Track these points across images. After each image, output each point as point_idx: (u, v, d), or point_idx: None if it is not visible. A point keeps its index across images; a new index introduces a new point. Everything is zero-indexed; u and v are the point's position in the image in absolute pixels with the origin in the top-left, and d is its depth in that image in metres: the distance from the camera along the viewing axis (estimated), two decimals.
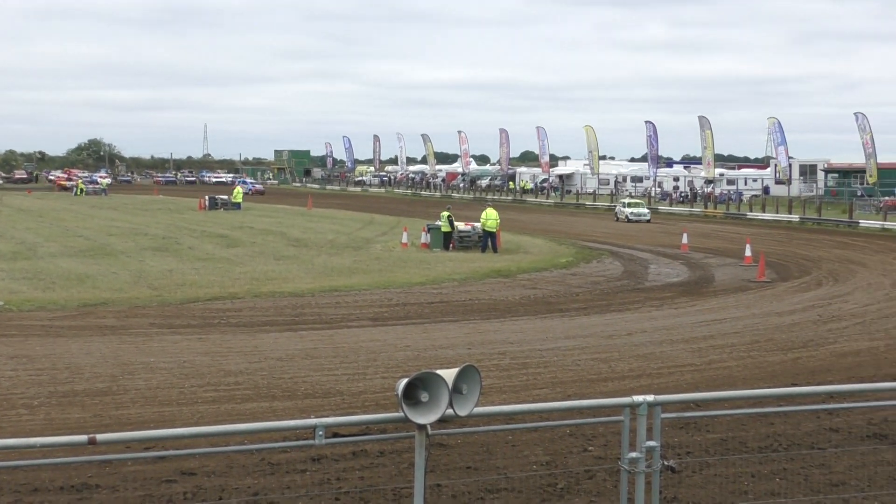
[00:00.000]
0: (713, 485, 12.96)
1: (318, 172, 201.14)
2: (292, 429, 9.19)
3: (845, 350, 24.46)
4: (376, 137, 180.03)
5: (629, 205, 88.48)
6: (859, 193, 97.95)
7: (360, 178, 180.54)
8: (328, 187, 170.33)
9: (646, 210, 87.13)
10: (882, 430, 15.79)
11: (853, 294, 35.89)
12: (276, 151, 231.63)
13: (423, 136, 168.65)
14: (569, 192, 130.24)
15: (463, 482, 12.81)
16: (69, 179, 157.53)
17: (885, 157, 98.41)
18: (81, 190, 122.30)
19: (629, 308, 31.80)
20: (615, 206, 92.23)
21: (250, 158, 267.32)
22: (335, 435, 12.23)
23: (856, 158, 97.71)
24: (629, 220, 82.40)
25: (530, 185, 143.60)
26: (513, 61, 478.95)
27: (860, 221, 77.83)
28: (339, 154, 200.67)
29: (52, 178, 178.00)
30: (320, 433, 7.80)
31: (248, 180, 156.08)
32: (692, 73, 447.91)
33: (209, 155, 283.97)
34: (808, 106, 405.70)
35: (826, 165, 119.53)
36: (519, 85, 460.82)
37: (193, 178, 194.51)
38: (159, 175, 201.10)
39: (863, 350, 24.48)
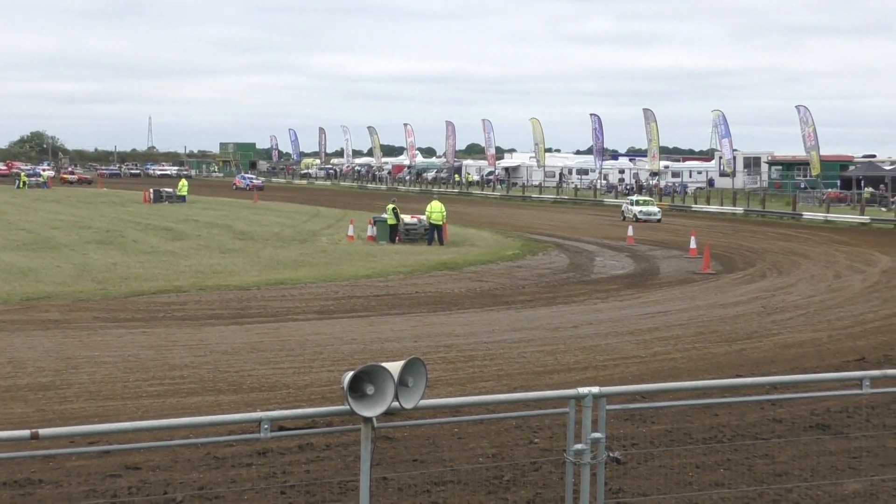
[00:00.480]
0: (658, 476, 13.01)
1: (263, 165, 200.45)
2: (238, 422, 9.15)
3: (789, 341, 24.64)
4: (322, 130, 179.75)
5: (638, 202, 78.50)
6: (802, 186, 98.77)
7: (305, 171, 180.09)
8: (274, 180, 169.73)
9: (656, 209, 76.75)
10: (825, 421, 15.90)
11: (797, 286, 36.16)
12: (221, 144, 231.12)
13: (369, 128, 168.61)
14: (515, 184, 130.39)
15: (409, 475, 12.80)
16: (9, 171, 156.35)
17: (827, 150, 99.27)
18: (24, 183, 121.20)
19: (575, 300, 31.89)
20: (621, 204, 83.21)
21: (195, 151, 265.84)
22: (281, 428, 12.22)
23: (799, 151, 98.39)
24: (637, 220, 71.95)
25: (474, 178, 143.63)
26: (459, 54, 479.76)
27: (803, 213, 78.47)
28: (285, 147, 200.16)
29: None
30: (266, 427, 7.78)
31: (247, 175, 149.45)
32: (637, 66, 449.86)
33: (154, 148, 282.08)
34: (752, 99, 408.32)
35: (770, 158, 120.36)
36: (465, 77, 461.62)
37: (138, 171, 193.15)
38: (103, 168, 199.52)
39: (806, 341, 24.66)
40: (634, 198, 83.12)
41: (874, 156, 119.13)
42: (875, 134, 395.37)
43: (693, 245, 47.69)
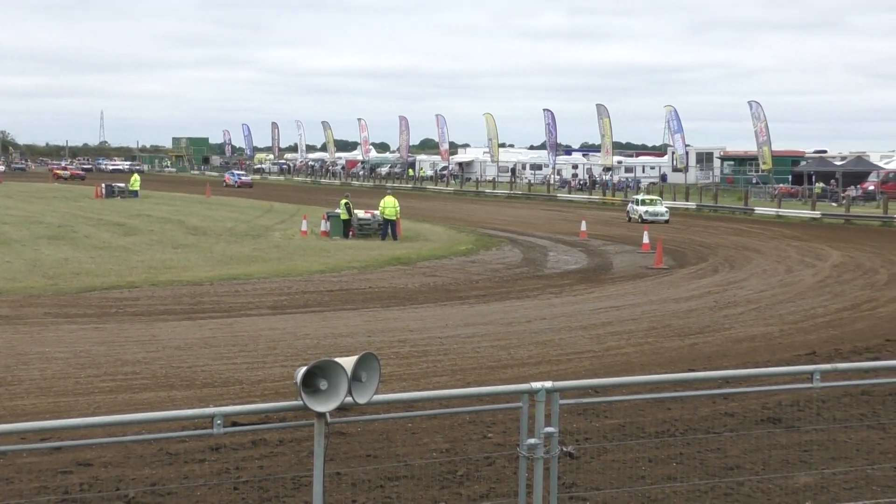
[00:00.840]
0: (611, 470, 13.06)
1: (216, 160, 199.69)
2: (190, 418, 9.10)
3: (741, 335, 24.77)
4: (275, 125, 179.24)
5: (643, 202, 71.58)
6: (754, 181, 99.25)
7: (259, 166, 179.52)
8: None
9: (664, 209, 69.99)
10: (776, 415, 16.00)
11: (749, 280, 36.36)
12: (174, 139, 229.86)
13: (322, 123, 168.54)
14: (468, 179, 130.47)
15: (363, 470, 12.80)
16: None
17: (779, 145, 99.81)
18: None
19: (528, 295, 31.95)
20: (627, 204, 75.34)
21: (148, 146, 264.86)
22: (234, 424, 12.16)
23: (751, 146, 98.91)
24: (643, 221, 65.71)
25: (427, 173, 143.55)
26: (411, 48, 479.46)
27: (755, 208, 78.88)
28: (238, 142, 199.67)
29: None
30: (219, 422, 7.75)
31: (237, 172, 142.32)
32: (590, 62, 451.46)
33: (106, 142, 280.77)
34: (703, 94, 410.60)
35: (722, 153, 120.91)
36: (418, 72, 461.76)
37: (90, 166, 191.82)
38: (54, 163, 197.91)
39: (758, 335, 24.81)
40: (640, 196, 76.02)
41: (825, 151, 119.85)
42: (825, 129, 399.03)
43: (646, 240, 47.88)
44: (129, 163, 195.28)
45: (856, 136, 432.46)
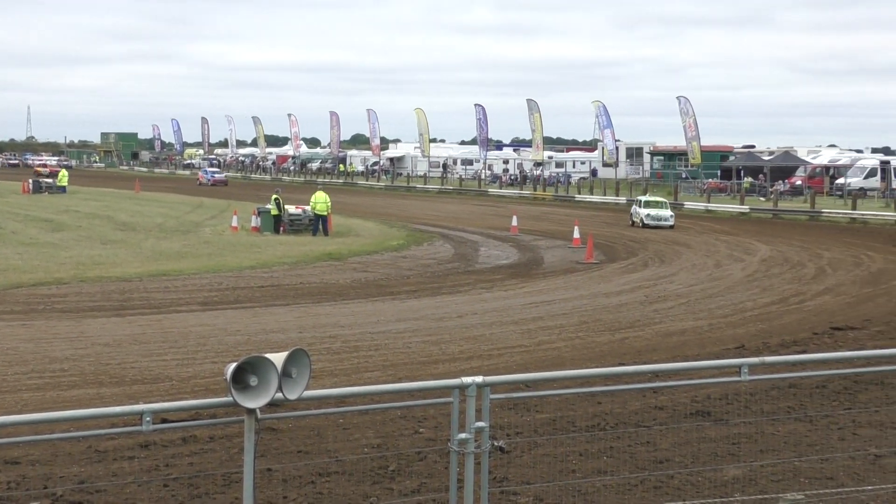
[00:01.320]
0: (542, 464, 13.10)
1: (146, 155, 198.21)
2: (119, 415, 9.03)
3: (671, 330, 24.95)
4: (205, 120, 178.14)
5: (646, 204, 63.52)
6: (684, 176, 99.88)
7: (189, 162, 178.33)
8: (157, 171, 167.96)
9: (669, 213, 62.00)
10: (705, 408, 16.12)
11: (678, 275, 36.62)
12: (102, 134, 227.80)
13: (253, 118, 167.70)
14: (400, 174, 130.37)
15: (294, 466, 12.76)
16: None
17: (707, 141, 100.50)
18: None
19: (460, 290, 31.99)
20: (631, 207, 66.01)
21: (76, 141, 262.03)
22: (164, 421, 12.07)
23: (680, 141, 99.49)
24: (644, 225, 60.19)
25: (356, 168, 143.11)
26: (341, 43, 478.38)
27: (685, 203, 79.42)
28: (168, 137, 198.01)
29: None
30: (148, 419, 7.70)
31: (210, 169, 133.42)
32: (520, 57, 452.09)
33: (33, 137, 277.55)
34: (633, 89, 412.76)
35: (652, 148, 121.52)
36: (349, 67, 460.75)
37: (17, 161, 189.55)
38: None
39: (687, 329, 24.99)
40: (644, 198, 66.78)
41: (753, 146, 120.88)
42: (753, 124, 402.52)
43: (577, 235, 48.05)
44: (56, 158, 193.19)
45: (783, 130, 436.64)
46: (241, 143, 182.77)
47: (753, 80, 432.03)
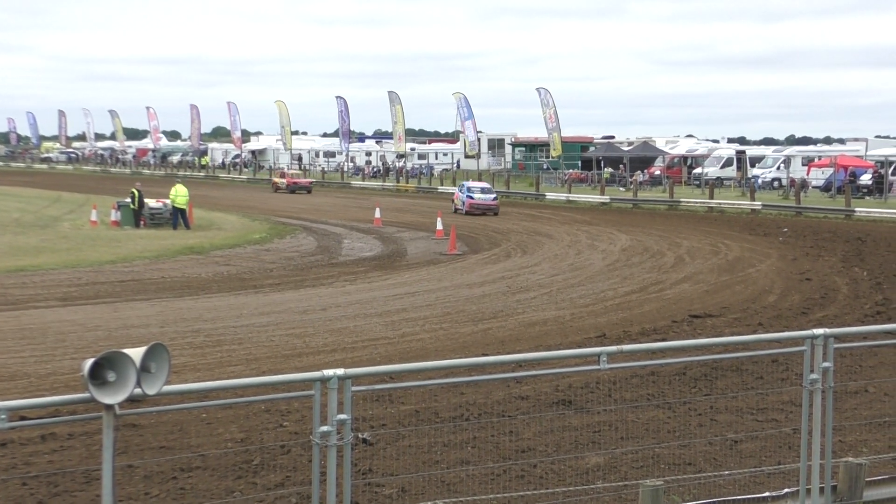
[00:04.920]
0: (407, 455, 13.13)
1: (1, 149, 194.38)
2: None
3: (533, 319, 25.14)
4: (62, 113, 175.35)
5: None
6: (545, 167, 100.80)
7: (46, 155, 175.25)
8: (12, 164, 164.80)
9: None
10: (567, 397, 16.30)
11: (541, 265, 36.93)
12: None
13: (110, 111, 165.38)
14: (262, 167, 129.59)
15: (156, 462, 12.63)
16: None
17: (568, 132, 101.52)
18: None
19: (323, 283, 31.91)
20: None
21: None
22: (22, 418, 11.87)
23: (541, 132, 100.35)
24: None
25: (208, 161, 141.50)
26: (199, 34, 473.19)
27: (546, 194, 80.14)
28: (24, 130, 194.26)
29: None
30: (2, 417, 7.55)
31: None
32: (380, 48, 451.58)
33: None
34: (492, 81, 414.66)
35: (513, 140, 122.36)
36: (208, 59, 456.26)
37: None
38: None
39: (550, 319, 25.21)
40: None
41: (613, 137, 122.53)
42: (612, 115, 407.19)
43: (440, 226, 48.23)
44: None
45: (641, 121, 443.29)
46: (99, 137, 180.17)
47: (610, 72, 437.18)
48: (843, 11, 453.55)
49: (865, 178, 73.96)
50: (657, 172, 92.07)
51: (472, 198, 64.26)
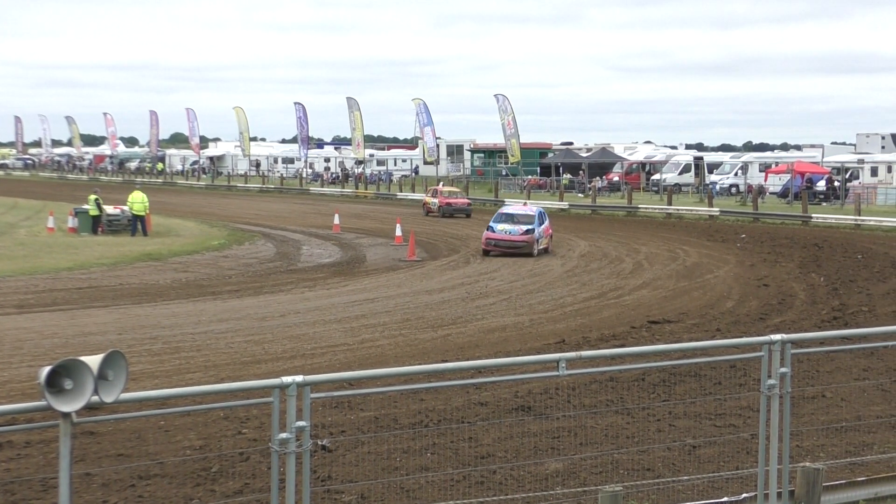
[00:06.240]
0: (366, 462, 13.12)
1: None
2: None
3: (492, 325, 25.17)
4: (18, 119, 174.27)
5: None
6: (504, 173, 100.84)
7: (2, 161, 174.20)
8: None
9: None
10: (527, 403, 16.32)
11: (499, 271, 36.96)
12: None
13: (66, 118, 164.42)
14: (220, 174, 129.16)
15: (114, 469, 12.57)
16: None
17: (526, 138, 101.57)
18: None
19: (282, 289, 31.84)
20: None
21: None
22: None
23: (499, 139, 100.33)
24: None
25: (163, 167, 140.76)
26: (155, 40, 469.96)
27: (505, 200, 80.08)
28: None
29: None
30: None
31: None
32: (337, 55, 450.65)
33: None
34: (451, 87, 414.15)
35: (472, 146, 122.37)
36: (165, 65, 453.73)
37: None
38: None
39: (509, 325, 25.24)
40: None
41: (571, 143, 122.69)
42: (570, 121, 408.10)
43: (399, 233, 48.22)
44: None
45: (598, 128, 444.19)
46: (56, 143, 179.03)
47: (567, 78, 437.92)
48: (799, 18, 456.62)
49: (822, 185, 74.45)
50: (616, 179, 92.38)
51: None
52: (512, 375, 13.70)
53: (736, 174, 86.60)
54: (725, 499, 10.88)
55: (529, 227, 42.76)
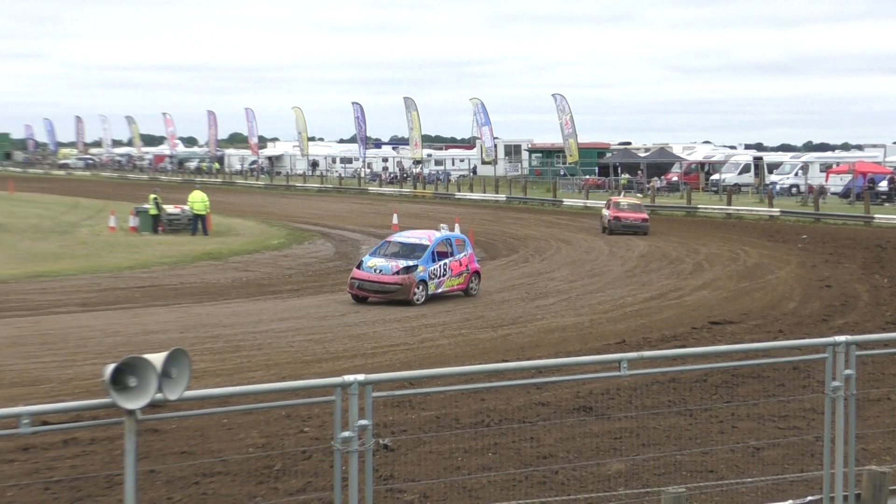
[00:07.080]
0: (428, 461, 13.11)
1: (19, 156, 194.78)
2: None
3: (552, 326, 25.11)
4: (79, 119, 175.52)
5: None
6: (562, 173, 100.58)
7: (64, 162, 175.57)
8: (31, 171, 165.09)
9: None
10: (588, 403, 16.26)
11: (559, 271, 36.87)
12: None
13: (126, 118, 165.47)
14: (279, 173, 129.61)
15: (178, 467, 12.63)
16: None
17: (584, 138, 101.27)
18: None
19: (342, 289, 31.85)
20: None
21: None
22: (44, 423, 11.87)
23: (557, 139, 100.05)
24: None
25: (218, 166, 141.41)
26: (213, 41, 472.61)
27: (564, 200, 79.92)
28: (41, 137, 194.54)
29: None
30: (25, 421, 7.54)
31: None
32: (395, 55, 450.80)
33: None
34: (508, 87, 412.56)
35: (530, 145, 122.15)
36: (223, 66, 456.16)
37: None
38: None
39: (569, 325, 25.17)
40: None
41: (629, 143, 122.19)
42: (627, 121, 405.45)
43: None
44: None
45: (657, 128, 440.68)
46: (116, 143, 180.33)
47: (624, 78, 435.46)
48: (858, 17, 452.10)
49: (884, 185, 73.72)
50: (674, 179, 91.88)
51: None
52: (573, 375, 13.64)
53: (796, 174, 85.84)
54: (790, 502, 10.78)
55: (411, 263, 30.03)
